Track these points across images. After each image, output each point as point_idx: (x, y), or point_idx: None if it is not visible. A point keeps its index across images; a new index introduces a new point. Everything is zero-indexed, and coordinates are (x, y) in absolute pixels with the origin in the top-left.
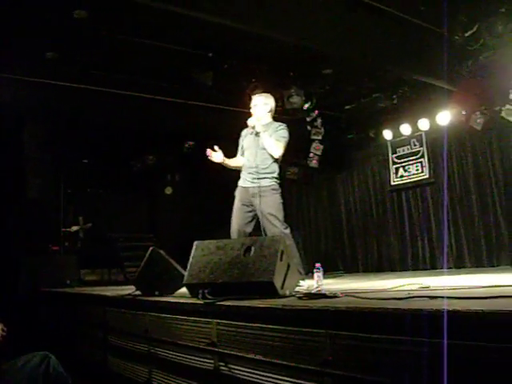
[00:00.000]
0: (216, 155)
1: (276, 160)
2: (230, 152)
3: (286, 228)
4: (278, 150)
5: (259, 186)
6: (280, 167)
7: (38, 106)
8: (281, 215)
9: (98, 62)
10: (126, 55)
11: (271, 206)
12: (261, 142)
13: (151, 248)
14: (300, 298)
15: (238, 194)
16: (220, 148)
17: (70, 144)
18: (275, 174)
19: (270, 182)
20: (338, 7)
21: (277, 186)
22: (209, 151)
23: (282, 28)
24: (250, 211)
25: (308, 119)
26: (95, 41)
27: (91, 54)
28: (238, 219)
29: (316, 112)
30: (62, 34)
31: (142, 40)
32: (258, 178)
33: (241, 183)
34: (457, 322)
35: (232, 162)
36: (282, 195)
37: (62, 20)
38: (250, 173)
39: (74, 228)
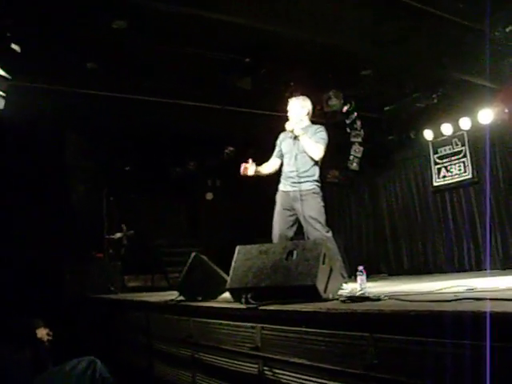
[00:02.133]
0: (249, 169)
1: (316, 163)
2: (270, 157)
3: (328, 231)
4: (318, 152)
5: (300, 190)
6: (320, 170)
7: (78, 116)
8: (323, 218)
9: (137, 71)
10: (164, 64)
11: (313, 210)
12: (300, 145)
13: (193, 253)
14: (343, 301)
15: (278, 198)
16: (259, 154)
17: (111, 151)
18: (316, 177)
19: (310, 186)
20: (376, 8)
21: (318, 190)
22: (243, 167)
23: (318, 30)
24: (292, 215)
25: (347, 121)
26: (134, 50)
27: (130, 64)
28: (279, 224)
29: (355, 114)
30: (101, 44)
31: (180, 48)
32: (299, 182)
33: (281, 187)
34: (503, 323)
35: (264, 169)
36: (323, 198)
37: (102, 30)
38: (290, 177)
39: (118, 235)
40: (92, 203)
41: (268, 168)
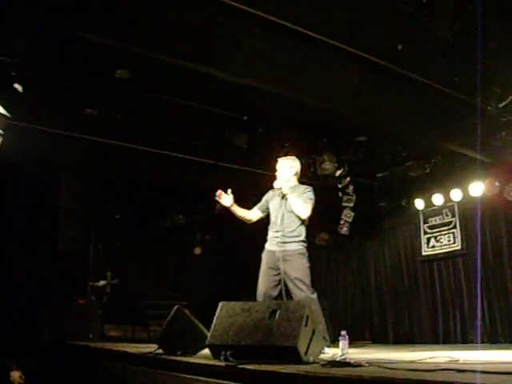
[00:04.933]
0: (226, 198)
1: (303, 222)
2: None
3: (312, 293)
4: (305, 212)
5: (286, 250)
6: (307, 230)
7: (73, 159)
8: (308, 280)
9: (135, 120)
10: (162, 114)
11: (298, 270)
12: (288, 205)
13: (176, 307)
14: (323, 365)
15: (264, 257)
16: (247, 208)
17: (103, 198)
18: (302, 238)
19: (297, 246)
20: (370, 76)
21: (304, 250)
22: (219, 192)
23: (314, 94)
24: (277, 274)
25: (340, 186)
26: (134, 99)
27: (129, 112)
28: (264, 282)
29: (348, 179)
30: (102, 91)
31: (180, 100)
32: (284, 242)
33: (267, 246)
34: None
35: (241, 212)
36: (310, 260)
37: (104, 78)
38: (276, 236)
39: (102, 282)
40: (79, 248)
41: (245, 213)
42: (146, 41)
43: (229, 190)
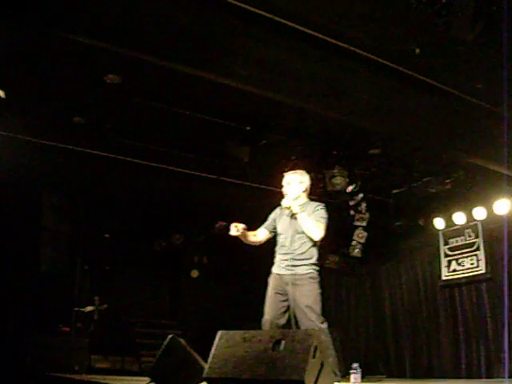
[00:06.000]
0: (240, 229)
1: (315, 244)
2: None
3: (322, 322)
4: (318, 232)
5: (295, 274)
6: (319, 252)
7: (59, 173)
8: (318, 307)
9: (127, 130)
10: (157, 124)
11: (308, 297)
12: (298, 225)
13: (170, 336)
14: None
15: (271, 281)
16: (253, 230)
17: (91, 216)
18: (313, 260)
19: (307, 270)
20: (386, 82)
21: (315, 274)
22: (233, 226)
23: (325, 102)
24: (285, 300)
25: (351, 203)
26: (126, 107)
27: (120, 121)
28: (270, 309)
29: (360, 195)
30: (91, 98)
31: (176, 109)
32: (294, 266)
33: (275, 270)
34: None
35: (251, 237)
36: (320, 285)
37: (94, 84)
38: (285, 259)
39: (89, 308)
40: (64, 269)
41: (253, 237)
42: (139, 44)
43: (242, 225)
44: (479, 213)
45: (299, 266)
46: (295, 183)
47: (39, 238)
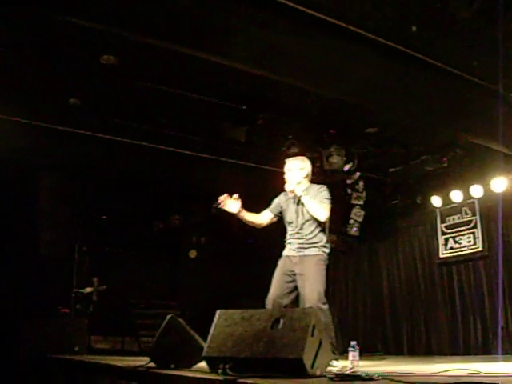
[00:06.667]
0: (231, 204)
1: (323, 229)
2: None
3: (324, 303)
4: (324, 213)
5: (304, 255)
6: (327, 235)
7: (56, 155)
8: (322, 289)
9: (124, 111)
10: (153, 105)
11: (314, 278)
12: (305, 213)
13: (169, 316)
14: (331, 378)
15: (280, 263)
16: (252, 211)
17: (89, 198)
18: (323, 243)
19: (317, 252)
20: (382, 61)
21: (324, 257)
22: (223, 197)
23: (322, 81)
24: (291, 281)
25: (349, 182)
26: (122, 88)
27: (117, 103)
28: (275, 289)
29: (358, 174)
30: (87, 79)
31: (173, 89)
32: (304, 248)
33: (285, 252)
34: None
35: (250, 217)
36: (327, 268)
37: (89, 65)
38: (294, 243)
39: (88, 290)
40: (62, 252)
41: (255, 218)
42: (133, 24)
43: (235, 195)
44: (476, 191)
45: (309, 248)
46: (296, 170)
47: (37, 222)
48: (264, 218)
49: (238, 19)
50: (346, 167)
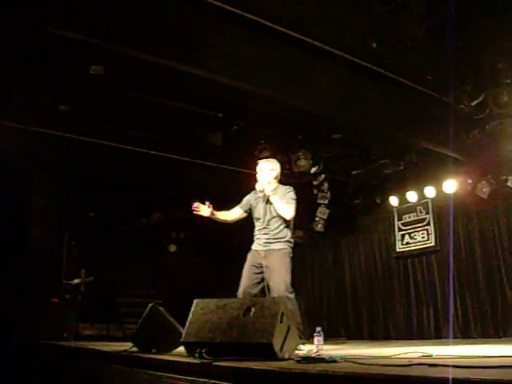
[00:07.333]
0: (204, 209)
1: (287, 225)
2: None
3: (291, 292)
4: (290, 213)
5: (270, 249)
6: (292, 231)
7: (47, 157)
8: (288, 279)
9: (110, 118)
10: (137, 112)
11: (280, 269)
12: (272, 210)
13: (150, 305)
14: (298, 361)
15: (249, 256)
16: (226, 209)
17: (77, 196)
18: (287, 238)
19: (282, 246)
20: (345, 73)
21: (288, 250)
22: (195, 205)
23: (290, 91)
24: (259, 273)
25: (315, 183)
26: (108, 96)
27: (103, 109)
28: (245, 280)
29: (323, 176)
30: (76, 87)
31: (155, 98)
32: (270, 243)
33: (253, 246)
34: None
35: (222, 216)
36: (292, 260)
37: (78, 74)
38: (262, 238)
39: (76, 281)
40: (52, 246)
41: (226, 216)
42: (119, 37)
43: (207, 202)
44: (430, 191)
45: (274, 243)
46: (267, 170)
47: (29, 217)
48: (234, 213)
49: (213, 34)
50: (313, 170)
